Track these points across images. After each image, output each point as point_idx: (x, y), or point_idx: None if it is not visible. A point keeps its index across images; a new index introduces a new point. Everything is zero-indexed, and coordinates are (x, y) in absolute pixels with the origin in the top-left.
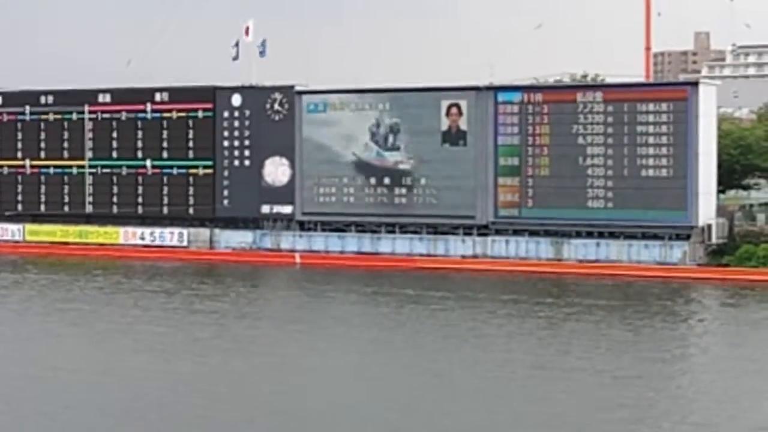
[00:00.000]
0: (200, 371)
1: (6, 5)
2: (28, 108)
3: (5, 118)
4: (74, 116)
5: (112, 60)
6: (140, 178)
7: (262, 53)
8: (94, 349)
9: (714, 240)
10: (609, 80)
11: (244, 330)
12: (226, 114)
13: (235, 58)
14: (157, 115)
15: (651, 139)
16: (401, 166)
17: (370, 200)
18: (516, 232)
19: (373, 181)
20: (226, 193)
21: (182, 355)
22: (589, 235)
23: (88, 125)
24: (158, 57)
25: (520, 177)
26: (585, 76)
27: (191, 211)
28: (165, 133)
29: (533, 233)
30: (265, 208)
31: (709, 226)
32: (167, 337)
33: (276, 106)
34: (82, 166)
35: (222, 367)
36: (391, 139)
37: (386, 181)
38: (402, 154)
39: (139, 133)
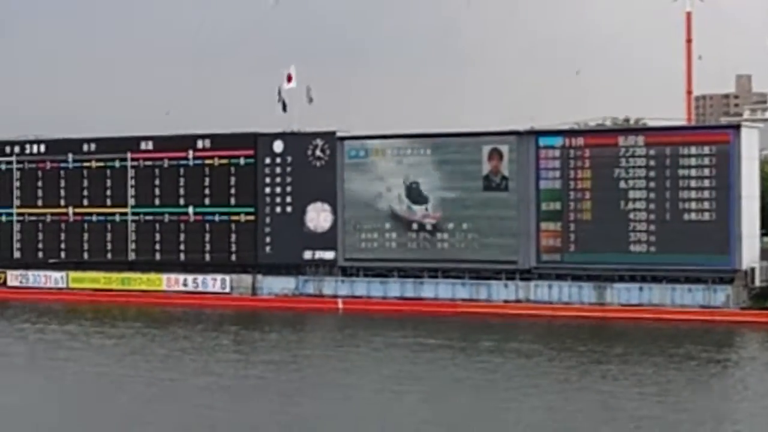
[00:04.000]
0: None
1: (49, 54)
2: (71, 156)
3: (48, 165)
4: (117, 164)
5: (155, 108)
6: (182, 225)
7: (311, 100)
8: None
9: (758, 283)
10: (650, 124)
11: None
12: (267, 160)
13: (283, 108)
14: (199, 162)
15: (693, 183)
16: (443, 212)
17: (413, 245)
18: (558, 277)
19: (415, 226)
20: (268, 239)
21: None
22: (632, 279)
23: (131, 173)
24: (200, 104)
25: (562, 221)
26: (626, 120)
27: (234, 257)
28: (207, 180)
29: (576, 278)
30: (308, 254)
31: (753, 270)
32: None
33: (317, 152)
34: (125, 214)
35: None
36: (433, 184)
37: (428, 226)
38: (444, 199)
39: (181, 180)
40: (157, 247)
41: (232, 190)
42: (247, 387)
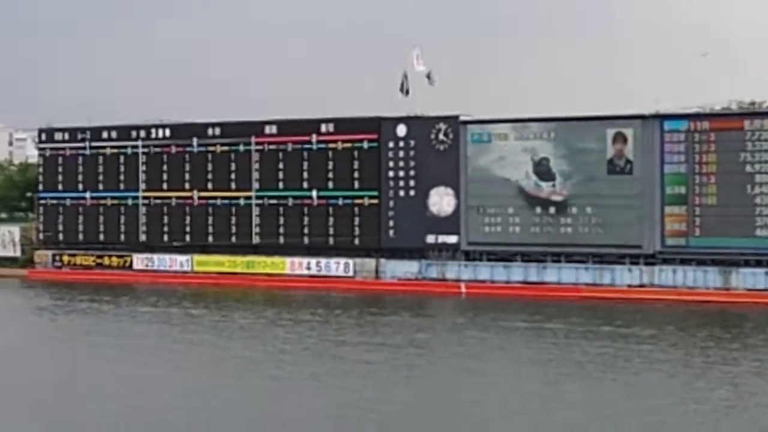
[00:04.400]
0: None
1: (176, 38)
2: (195, 140)
3: (173, 150)
4: (241, 148)
5: (281, 92)
6: (306, 209)
7: (430, 82)
8: None
9: None
10: None
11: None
12: (391, 144)
13: (405, 92)
14: (323, 145)
15: None
16: (566, 196)
17: (536, 230)
18: (683, 262)
19: (538, 210)
20: (391, 223)
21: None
22: (758, 264)
23: (255, 156)
24: (324, 87)
25: (687, 206)
26: (753, 104)
27: (357, 241)
28: (330, 164)
29: (701, 262)
30: (430, 238)
31: None
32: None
33: (441, 136)
34: (249, 197)
35: None
36: (556, 168)
37: (551, 210)
38: (567, 183)
39: (305, 164)
40: (281, 230)
41: (356, 174)
42: (369, 371)
